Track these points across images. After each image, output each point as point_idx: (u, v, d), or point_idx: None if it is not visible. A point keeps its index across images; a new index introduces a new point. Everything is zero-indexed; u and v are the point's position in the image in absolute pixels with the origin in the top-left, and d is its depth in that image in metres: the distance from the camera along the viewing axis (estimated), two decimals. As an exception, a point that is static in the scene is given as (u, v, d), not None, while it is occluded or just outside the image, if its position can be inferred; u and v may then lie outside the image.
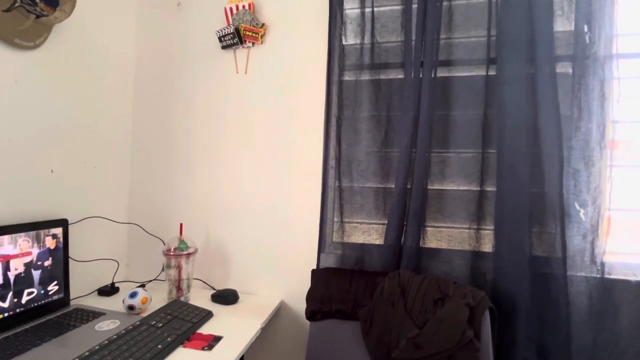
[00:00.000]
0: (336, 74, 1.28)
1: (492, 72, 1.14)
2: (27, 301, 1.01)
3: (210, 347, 0.93)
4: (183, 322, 1.01)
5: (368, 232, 1.26)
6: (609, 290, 1.05)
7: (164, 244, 1.44)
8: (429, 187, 1.19)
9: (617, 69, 1.06)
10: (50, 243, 1.08)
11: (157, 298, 1.26)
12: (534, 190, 1.09)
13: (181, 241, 1.24)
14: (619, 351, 1.03)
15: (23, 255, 1.00)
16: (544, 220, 1.09)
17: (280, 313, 1.35)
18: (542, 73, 1.07)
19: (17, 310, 0.98)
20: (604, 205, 1.08)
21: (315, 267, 1.28)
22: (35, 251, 1.03)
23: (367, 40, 1.24)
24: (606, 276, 1.05)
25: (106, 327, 1.01)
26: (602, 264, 1.06)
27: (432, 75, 1.15)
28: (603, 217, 1.08)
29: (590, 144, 1.07)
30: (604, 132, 1.07)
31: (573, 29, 1.09)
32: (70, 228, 1.19)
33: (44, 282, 1.06)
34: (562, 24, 1.10)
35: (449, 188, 1.19)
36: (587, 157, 1.07)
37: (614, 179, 1.08)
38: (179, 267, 1.21)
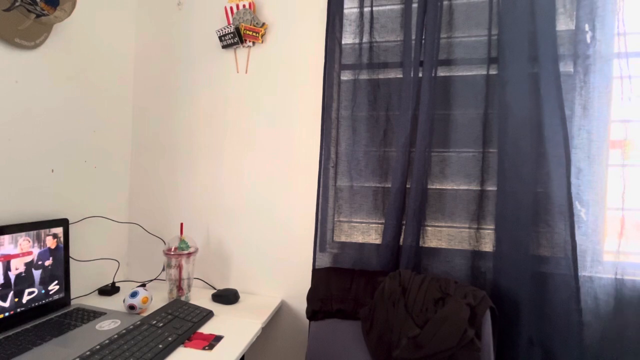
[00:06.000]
0: (335, 74, 1.27)
1: (493, 72, 1.13)
2: (28, 301, 1.01)
3: (210, 346, 0.93)
4: (184, 321, 1.01)
5: (367, 232, 1.26)
6: (617, 290, 1.03)
7: (165, 244, 1.44)
8: (429, 186, 1.19)
9: (621, 67, 1.05)
10: (50, 243, 1.08)
11: (157, 298, 1.26)
12: (537, 189, 1.08)
13: (182, 241, 1.25)
14: (625, 351, 1.03)
15: (24, 255, 1.00)
16: (547, 219, 1.08)
17: (280, 313, 1.35)
18: (545, 72, 1.07)
19: (18, 309, 0.98)
20: (606, 204, 1.08)
21: (315, 267, 1.28)
22: (36, 251, 1.03)
23: (365, 39, 1.24)
24: (615, 277, 1.04)
25: (107, 326, 1.01)
26: (612, 265, 1.05)
27: (432, 75, 1.15)
28: (606, 217, 1.07)
29: (593, 143, 1.07)
30: (606, 131, 1.07)
31: (575, 27, 1.09)
32: (71, 228, 1.19)
33: (45, 281, 1.06)
34: (564, 23, 1.10)
35: (449, 187, 1.19)
36: (590, 156, 1.07)
37: (625, 178, 1.06)
38: (179, 267, 1.21)
